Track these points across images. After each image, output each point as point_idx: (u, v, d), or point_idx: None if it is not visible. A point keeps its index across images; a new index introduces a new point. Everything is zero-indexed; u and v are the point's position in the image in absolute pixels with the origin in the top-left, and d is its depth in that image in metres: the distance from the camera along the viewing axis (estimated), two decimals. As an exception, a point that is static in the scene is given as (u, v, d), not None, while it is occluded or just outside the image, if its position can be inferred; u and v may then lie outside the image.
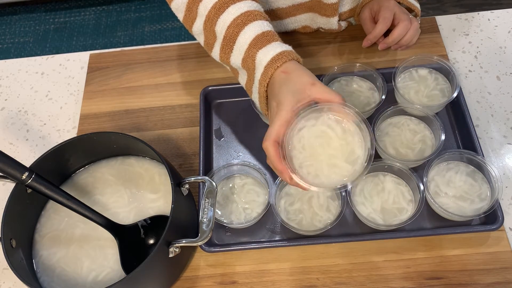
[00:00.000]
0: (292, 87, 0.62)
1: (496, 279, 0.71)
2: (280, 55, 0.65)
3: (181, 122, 0.92)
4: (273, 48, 0.66)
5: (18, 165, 0.67)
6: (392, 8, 0.87)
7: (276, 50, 0.65)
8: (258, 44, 0.67)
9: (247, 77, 0.70)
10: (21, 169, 0.66)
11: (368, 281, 0.73)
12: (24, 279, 0.64)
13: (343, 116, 0.61)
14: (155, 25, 2.34)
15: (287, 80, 0.63)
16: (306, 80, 0.62)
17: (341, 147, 0.60)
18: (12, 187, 0.71)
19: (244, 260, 0.76)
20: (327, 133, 0.61)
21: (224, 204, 0.78)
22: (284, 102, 0.61)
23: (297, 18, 0.96)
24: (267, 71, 0.65)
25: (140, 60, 1.01)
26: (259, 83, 0.66)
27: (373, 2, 0.90)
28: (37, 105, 0.98)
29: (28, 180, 0.66)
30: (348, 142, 0.60)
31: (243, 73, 0.71)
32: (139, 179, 0.79)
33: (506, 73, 0.92)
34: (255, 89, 0.68)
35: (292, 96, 0.61)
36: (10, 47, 2.33)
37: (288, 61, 0.64)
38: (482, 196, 0.75)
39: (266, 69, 0.65)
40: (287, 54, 0.65)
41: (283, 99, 0.61)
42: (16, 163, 0.67)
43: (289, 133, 0.60)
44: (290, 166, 0.59)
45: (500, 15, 1.00)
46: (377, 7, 0.88)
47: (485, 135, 0.85)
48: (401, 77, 0.88)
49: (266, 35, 0.68)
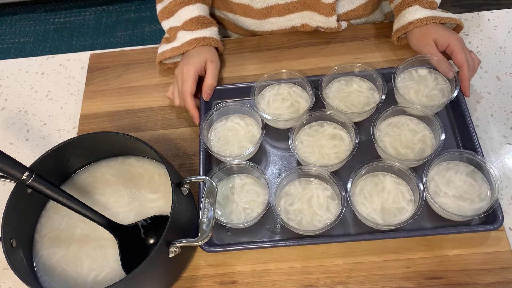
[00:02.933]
0: (201, 58, 0.90)
1: (496, 279, 0.71)
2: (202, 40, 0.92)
3: (181, 122, 0.92)
4: (200, 33, 0.93)
5: (18, 165, 0.67)
6: (462, 48, 0.83)
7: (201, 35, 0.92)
8: (188, 26, 0.93)
9: (169, 39, 0.96)
10: (22, 169, 0.66)
11: (368, 281, 0.73)
12: (24, 279, 0.64)
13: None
14: (155, 25, 2.34)
15: (199, 51, 0.91)
16: (208, 57, 0.91)
17: (245, 135, 0.86)
18: (12, 187, 0.71)
19: (244, 260, 0.76)
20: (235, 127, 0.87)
21: (224, 204, 0.78)
22: (193, 68, 0.88)
23: (296, 15, 0.96)
24: (186, 47, 0.91)
25: (140, 60, 1.01)
26: (177, 51, 0.92)
27: (437, 34, 0.86)
28: (37, 105, 0.98)
29: (29, 180, 0.67)
30: (250, 130, 0.86)
31: (168, 35, 0.97)
32: (139, 179, 0.79)
33: (506, 73, 0.92)
34: (170, 52, 0.93)
35: (199, 63, 0.89)
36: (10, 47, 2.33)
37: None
38: (482, 196, 0.75)
39: (188, 44, 0.91)
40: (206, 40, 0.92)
41: (192, 66, 0.88)
42: (16, 163, 0.67)
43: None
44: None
45: (500, 15, 1.00)
46: (443, 40, 0.85)
47: (485, 135, 0.85)
48: (401, 77, 0.88)
49: (198, 20, 0.93)
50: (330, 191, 0.78)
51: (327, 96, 0.87)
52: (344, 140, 0.82)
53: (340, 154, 0.81)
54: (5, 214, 0.68)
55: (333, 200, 0.77)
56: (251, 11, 0.97)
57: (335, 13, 0.93)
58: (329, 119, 0.84)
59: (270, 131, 0.87)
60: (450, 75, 0.83)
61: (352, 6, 0.97)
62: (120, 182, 0.79)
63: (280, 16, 0.96)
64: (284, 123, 0.85)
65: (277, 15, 0.96)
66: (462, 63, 0.82)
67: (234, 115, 0.88)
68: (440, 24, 0.87)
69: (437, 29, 0.86)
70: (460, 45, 0.83)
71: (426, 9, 0.87)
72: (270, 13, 0.96)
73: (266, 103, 0.88)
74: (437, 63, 0.85)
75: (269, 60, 0.97)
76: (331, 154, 0.81)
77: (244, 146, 0.84)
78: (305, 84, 0.87)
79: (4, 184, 0.89)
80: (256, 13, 0.96)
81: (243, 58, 0.98)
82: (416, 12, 0.87)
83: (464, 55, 0.83)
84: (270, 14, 0.96)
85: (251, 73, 0.96)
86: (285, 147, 0.85)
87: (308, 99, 0.87)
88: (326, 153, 0.81)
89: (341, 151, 0.81)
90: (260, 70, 0.96)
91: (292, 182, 0.79)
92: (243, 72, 0.96)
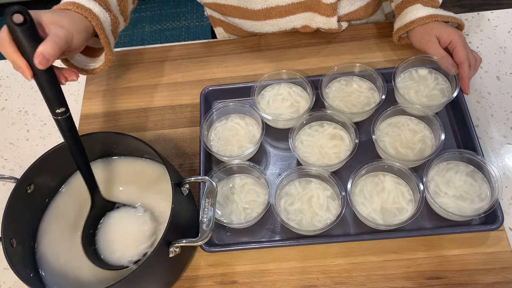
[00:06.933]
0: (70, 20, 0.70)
1: (496, 279, 0.71)
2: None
3: (181, 122, 0.92)
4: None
5: (61, 98, 0.66)
6: (464, 46, 0.83)
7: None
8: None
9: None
10: (61, 104, 0.65)
11: (368, 281, 0.73)
12: (25, 278, 0.64)
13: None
14: (155, 25, 2.34)
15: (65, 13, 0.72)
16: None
17: (245, 135, 0.86)
18: (12, 187, 0.71)
19: (244, 260, 0.76)
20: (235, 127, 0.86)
21: (224, 204, 0.78)
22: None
23: (296, 16, 0.96)
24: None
25: (140, 60, 1.01)
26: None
27: (439, 30, 0.85)
28: (38, 105, 0.98)
29: (60, 116, 0.65)
30: (250, 130, 0.86)
31: None
32: (139, 179, 0.79)
33: (506, 73, 0.92)
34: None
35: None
36: (10, 47, 2.33)
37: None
38: (482, 196, 0.75)
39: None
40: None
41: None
42: (61, 96, 0.66)
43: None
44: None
45: (500, 15, 1.00)
46: (446, 37, 0.84)
47: (485, 135, 0.85)
48: (401, 77, 0.88)
49: None
50: (330, 191, 0.78)
51: (327, 96, 0.87)
52: (344, 140, 0.82)
53: (340, 154, 0.81)
54: (5, 214, 0.68)
55: (333, 200, 0.77)
56: (250, 13, 0.96)
57: (336, 14, 0.93)
58: (329, 119, 0.84)
59: (270, 131, 0.87)
60: (452, 72, 0.83)
61: (352, 8, 0.97)
62: (120, 182, 0.79)
63: (280, 18, 0.96)
64: (284, 123, 0.85)
65: (277, 17, 0.96)
66: (463, 61, 0.82)
67: (234, 115, 0.88)
68: (442, 22, 0.87)
69: (439, 26, 0.86)
70: (462, 43, 0.83)
71: (428, 8, 0.87)
72: (270, 15, 0.96)
73: (266, 103, 0.88)
74: (440, 60, 0.85)
75: (269, 60, 0.97)
76: (331, 154, 0.81)
77: (244, 146, 0.84)
78: (305, 84, 0.87)
79: (4, 184, 0.89)
80: (255, 14, 0.96)
81: (243, 58, 0.98)
82: (418, 10, 0.87)
83: (466, 52, 0.83)
84: (270, 15, 0.96)
85: (251, 73, 0.96)
86: (285, 147, 0.85)
87: (308, 99, 0.87)
88: (326, 153, 0.81)
89: (341, 151, 0.81)
90: (260, 70, 0.96)
91: (292, 182, 0.79)
92: (243, 72, 0.96)
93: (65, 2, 0.73)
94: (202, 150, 0.83)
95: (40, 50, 0.62)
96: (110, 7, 0.79)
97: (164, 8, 2.41)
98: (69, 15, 0.70)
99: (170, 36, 2.31)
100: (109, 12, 0.78)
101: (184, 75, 0.98)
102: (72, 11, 0.71)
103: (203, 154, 0.83)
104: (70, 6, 0.72)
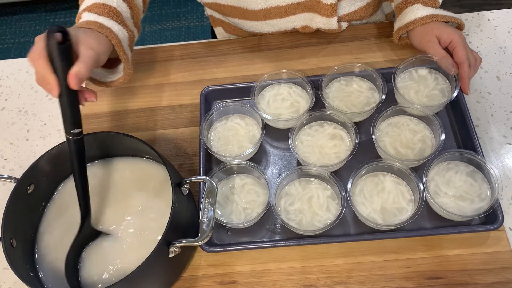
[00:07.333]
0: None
1: (496, 279, 0.71)
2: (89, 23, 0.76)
3: (181, 122, 0.92)
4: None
5: (77, 119, 0.66)
6: (464, 46, 0.83)
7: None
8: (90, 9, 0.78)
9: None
10: (76, 125, 0.66)
11: (368, 281, 0.73)
12: (25, 278, 0.64)
13: None
14: (155, 25, 2.34)
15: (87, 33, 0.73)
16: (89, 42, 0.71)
17: (245, 135, 0.86)
18: (12, 187, 0.71)
19: (244, 260, 0.76)
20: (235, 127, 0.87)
21: (224, 204, 0.78)
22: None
23: (296, 17, 0.96)
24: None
25: (140, 60, 1.01)
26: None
27: (439, 30, 0.85)
28: (38, 105, 0.98)
29: (73, 137, 0.66)
30: (250, 130, 0.86)
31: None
32: (139, 179, 0.79)
33: (506, 73, 0.92)
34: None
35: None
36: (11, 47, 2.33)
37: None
38: (482, 196, 0.75)
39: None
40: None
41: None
42: (78, 116, 0.66)
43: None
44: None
45: (500, 15, 1.00)
46: (446, 37, 0.84)
47: (485, 135, 0.85)
48: (401, 77, 0.88)
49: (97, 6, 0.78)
50: (330, 191, 0.78)
51: (327, 96, 0.87)
52: (344, 140, 0.82)
53: (340, 154, 0.81)
54: (5, 214, 0.68)
55: (333, 200, 0.77)
56: (250, 14, 0.96)
57: (336, 14, 0.93)
58: (329, 119, 0.84)
59: (270, 131, 0.87)
60: (452, 72, 0.83)
61: (352, 8, 0.97)
62: (120, 182, 0.79)
63: (280, 18, 0.96)
64: (284, 123, 0.85)
65: (277, 17, 0.96)
66: (463, 61, 0.82)
67: (234, 115, 0.88)
68: (442, 22, 0.87)
69: (439, 25, 0.86)
70: (462, 43, 0.83)
71: (428, 8, 0.87)
72: (270, 15, 0.96)
73: (266, 103, 0.88)
74: (440, 60, 0.85)
75: (269, 60, 0.97)
76: (331, 154, 0.81)
77: (244, 146, 0.84)
78: (305, 84, 0.87)
79: (4, 184, 0.89)
80: (255, 15, 0.96)
81: (243, 58, 0.98)
82: (418, 10, 0.87)
83: (466, 52, 0.83)
84: (270, 16, 0.96)
85: (251, 73, 0.96)
86: (285, 147, 0.85)
87: (308, 99, 0.87)
88: (326, 153, 0.81)
89: (341, 151, 0.81)
90: (260, 70, 0.96)
91: (292, 182, 0.79)
92: (243, 72, 0.96)
93: (87, 21, 0.75)
94: (202, 150, 0.83)
95: (74, 71, 0.64)
96: (125, 22, 0.81)
97: (164, 8, 2.41)
98: (95, 36, 0.72)
99: (170, 36, 2.31)
100: (126, 27, 0.80)
101: (184, 75, 0.98)
102: (94, 30, 0.73)
103: (203, 154, 0.83)
104: (92, 26, 0.74)
